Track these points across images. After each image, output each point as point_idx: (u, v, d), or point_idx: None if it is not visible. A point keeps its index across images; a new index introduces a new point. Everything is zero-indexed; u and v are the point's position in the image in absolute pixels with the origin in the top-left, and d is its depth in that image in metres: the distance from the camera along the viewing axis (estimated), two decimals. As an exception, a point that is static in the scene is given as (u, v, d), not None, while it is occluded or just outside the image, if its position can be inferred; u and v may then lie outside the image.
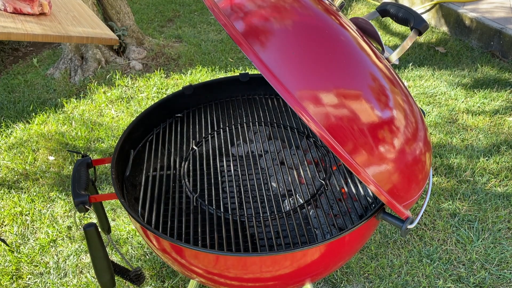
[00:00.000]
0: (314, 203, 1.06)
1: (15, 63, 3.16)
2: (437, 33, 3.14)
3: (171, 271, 1.53)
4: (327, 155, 1.18)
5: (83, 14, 1.16)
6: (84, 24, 1.11)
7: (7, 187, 1.93)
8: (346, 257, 0.97)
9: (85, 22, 1.12)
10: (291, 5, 0.77)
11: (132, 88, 2.63)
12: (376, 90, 0.75)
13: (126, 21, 2.93)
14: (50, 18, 1.06)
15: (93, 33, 1.06)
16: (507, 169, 1.89)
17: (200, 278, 0.92)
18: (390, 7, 0.92)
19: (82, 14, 1.17)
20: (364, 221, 0.85)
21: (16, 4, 0.98)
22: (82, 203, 0.87)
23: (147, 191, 1.06)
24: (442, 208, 1.73)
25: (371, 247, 1.59)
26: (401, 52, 0.85)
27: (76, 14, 1.14)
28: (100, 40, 1.07)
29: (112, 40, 1.10)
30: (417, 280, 1.48)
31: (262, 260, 0.82)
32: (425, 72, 2.66)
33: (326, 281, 1.49)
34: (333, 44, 0.75)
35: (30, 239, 1.69)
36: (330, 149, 0.69)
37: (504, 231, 1.63)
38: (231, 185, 1.15)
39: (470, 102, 2.35)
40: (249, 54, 0.69)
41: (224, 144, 1.27)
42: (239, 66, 2.85)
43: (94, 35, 1.05)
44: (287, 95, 0.67)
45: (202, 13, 3.73)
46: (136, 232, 1.68)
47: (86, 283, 1.51)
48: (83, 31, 1.05)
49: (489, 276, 1.48)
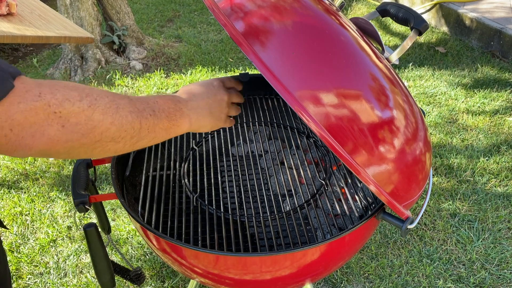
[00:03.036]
0: (314, 203, 1.06)
1: (15, 63, 3.16)
2: (437, 33, 3.14)
3: (171, 271, 1.53)
4: (327, 155, 1.18)
5: (47, 13, 1.14)
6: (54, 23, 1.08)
7: (7, 187, 1.93)
8: (346, 257, 0.97)
9: (54, 21, 1.09)
10: (291, 5, 0.77)
11: (132, 88, 2.63)
12: (376, 90, 0.75)
13: (126, 21, 2.93)
14: (19, 18, 1.03)
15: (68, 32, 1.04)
16: (507, 169, 1.89)
17: (200, 278, 0.92)
18: (390, 7, 0.91)
19: (46, 12, 1.14)
20: (364, 221, 0.85)
21: None
22: (82, 203, 0.87)
23: (147, 191, 1.06)
24: (442, 208, 1.72)
25: (371, 247, 1.59)
26: (401, 52, 0.84)
27: (40, 13, 1.12)
28: (77, 39, 1.04)
29: (89, 39, 1.06)
30: (417, 280, 1.48)
31: (262, 260, 0.81)
32: (425, 72, 2.66)
33: (326, 281, 1.49)
34: (333, 44, 0.75)
35: (30, 239, 1.69)
36: (330, 149, 0.69)
37: (504, 231, 1.63)
38: (231, 185, 1.15)
39: (470, 102, 2.35)
40: (249, 54, 0.69)
41: (224, 144, 1.27)
42: (239, 66, 2.85)
43: (70, 34, 1.03)
44: (287, 95, 0.67)
45: (202, 13, 3.73)
46: (136, 232, 1.68)
47: (86, 283, 1.51)
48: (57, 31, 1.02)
49: (489, 276, 1.48)
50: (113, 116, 0.60)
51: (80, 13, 2.72)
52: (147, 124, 0.66)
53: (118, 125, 0.61)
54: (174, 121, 0.74)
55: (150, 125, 0.67)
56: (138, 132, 0.65)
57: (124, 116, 0.62)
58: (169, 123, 0.72)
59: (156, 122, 0.69)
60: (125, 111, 0.62)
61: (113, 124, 0.60)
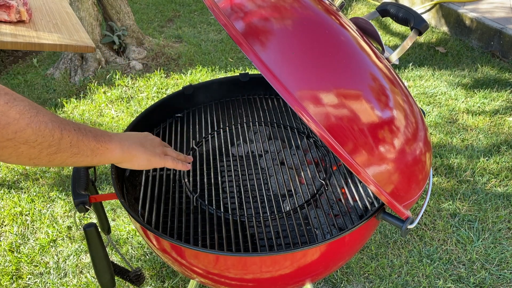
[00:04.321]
0: (314, 203, 1.06)
1: (15, 63, 3.16)
2: (437, 33, 3.14)
3: (171, 271, 1.53)
4: (327, 155, 1.18)
5: (65, 22, 1.13)
6: (63, 31, 1.08)
7: (7, 187, 1.93)
8: (346, 257, 0.97)
9: (65, 29, 1.09)
10: (291, 5, 0.77)
11: (132, 88, 2.63)
12: (376, 90, 0.75)
13: (126, 21, 2.93)
14: (28, 26, 1.03)
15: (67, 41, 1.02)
16: (507, 169, 1.89)
17: (200, 278, 0.92)
18: (390, 7, 0.91)
19: (65, 21, 1.14)
20: (364, 221, 0.85)
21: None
22: (82, 203, 0.87)
23: (147, 191, 1.06)
24: (442, 208, 1.72)
25: (371, 247, 1.59)
26: (401, 52, 0.85)
27: (58, 22, 1.11)
28: (74, 47, 1.02)
29: (88, 48, 1.04)
30: (417, 280, 1.48)
31: (262, 260, 0.81)
32: (425, 72, 2.66)
33: (326, 281, 1.49)
34: (333, 44, 0.75)
35: (30, 239, 1.69)
36: (330, 149, 0.69)
37: (504, 231, 1.63)
38: (231, 185, 1.15)
39: (470, 102, 2.35)
40: (249, 54, 0.69)
41: (224, 144, 1.27)
42: (239, 66, 2.85)
43: (68, 42, 1.01)
44: (287, 95, 0.67)
45: (202, 13, 3.73)
46: (136, 232, 1.68)
47: (86, 283, 1.51)
48: (57, 39, 1.01)
49: (489, 276, 1.48)
50: (31, 118, 0.58)
51: (80, 13, 2.72)
52: (69, 137, 0.64)
53: (36, 128, 0.58)
54: (102, 143, 0.71)
55: (74, 140, 0.65)
56: (58, 142, 0.62)
57: (43, 122, 0.59)
58: (97, 143, 0.70)
59: (81, 138, 0.66)
60: (46, 118, 0.60)
61: (30, 126, 0.57)
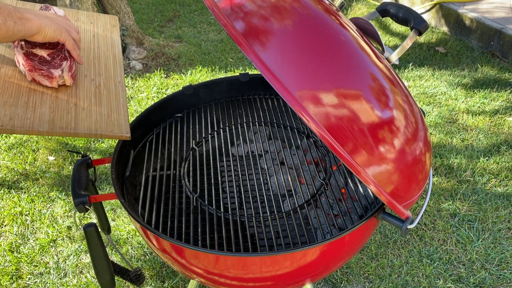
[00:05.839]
0: (314, 203, 1.06)
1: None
2: (437, 33, 3.14)
3: (171, 271, 1.53)
4: (327, 155, 1.18)
5: (107, 85, 1.03)
6: (103, 103, 0.98)
7: (7, 187, 1.93)
8: (346, 257, 0.97)
9: (105, 101, 0.99)
10: (291, 5, 0.77)
11: (132, 88, 2.63)
12: (376, 90, 0.75)
13: (126, 21, 2.93)
14: (69, 90, 0.96)
15: (104, 131, 0.93)
16: (507, 169, 1.89)
17: (200, 278, 0.92)
18: (390, 7, 0.92)
19: (108, 81, 1.04)
20: (364, 221, 0.85)
21: (35, 76, 0.93)
22: (82, 203, 0.87)
23: (147, 191, 1.06)
24: (442, 208, 1.72)
25: (371, 247, 1.59)
26: (401, 52, 0.85)
27: (101, 83, 1.02)
28: (110, 136, 0.94)
29: (123, 137, 0.96)
30: (417, 280, 1.48)
31: (262, 260, 0.82)
32: (425, 72, 2.66)
33: (326, 281, 1.49)
34: (333, 44, 0.75)
35: (30, 239, 1.69)
36: (330, 149, 0.69)
37: (504, 231, 1.63)
38: (231, 185, 1.15)
39: (470, 102, 2.35)
40: (249, 54, 0.69)
41: (224, 144, 1.27)
42: (239, 66, 2.85)
43: (103, 132, 0.93)
44: (287, 95, 0.67)
45: (202, 13, 3.73)
46: (136, 232, 1.68)
47: (86, 283, 1.51)
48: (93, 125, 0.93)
49: (489, 276, 1.48)
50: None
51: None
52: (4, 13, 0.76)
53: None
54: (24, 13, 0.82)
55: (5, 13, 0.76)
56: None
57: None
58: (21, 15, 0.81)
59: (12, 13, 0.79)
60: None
61: None
